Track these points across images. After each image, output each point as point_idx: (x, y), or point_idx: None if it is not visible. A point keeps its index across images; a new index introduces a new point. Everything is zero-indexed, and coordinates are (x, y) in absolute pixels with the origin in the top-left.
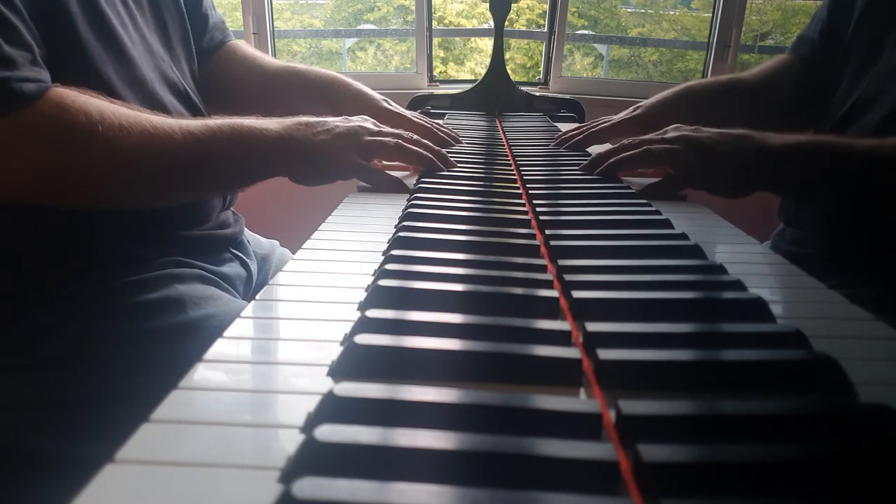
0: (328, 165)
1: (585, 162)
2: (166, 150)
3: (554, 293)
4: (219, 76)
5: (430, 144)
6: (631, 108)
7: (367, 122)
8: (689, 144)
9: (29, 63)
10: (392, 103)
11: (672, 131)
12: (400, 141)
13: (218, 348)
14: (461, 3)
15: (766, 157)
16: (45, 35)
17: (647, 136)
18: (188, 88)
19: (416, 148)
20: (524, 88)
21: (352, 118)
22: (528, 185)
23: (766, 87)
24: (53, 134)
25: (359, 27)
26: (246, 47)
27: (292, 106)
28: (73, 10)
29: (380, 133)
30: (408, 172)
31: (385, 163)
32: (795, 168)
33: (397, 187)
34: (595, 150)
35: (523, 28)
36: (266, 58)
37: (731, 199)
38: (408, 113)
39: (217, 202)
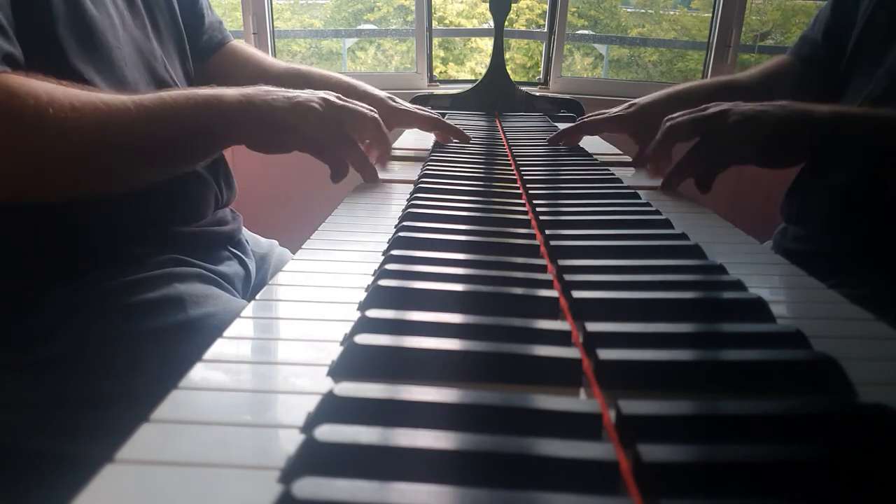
0: (284, 131)
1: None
2: (120, 127)
3: (554, 293)
4: (221, 77)
5: (387, 139)
6: (626, 105)
7: (331, 95)
8: (734, 114)
9: None
10: (399, 100)
11: (713, 107)
12: (364, 111)
13: (218, 348)
14: (461, 3)
15: (814, 124)
16: (23, 33)
17: (688, 112)
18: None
19: (370, 113)
20: (524, 88)
21: (317, 91)
22: (528, 185)
23: (764, 88)
24: (2, 121)
25: (359, 27)
26: (248, 48)
27: None
28: (57, 10)
29: (342, 109)
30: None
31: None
32: (840, 136)
33: (341, 170)
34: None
35: (523, 28)
36: (269, 59)
37: (774, 168)
38: (416, 108)
39: (211, 198)
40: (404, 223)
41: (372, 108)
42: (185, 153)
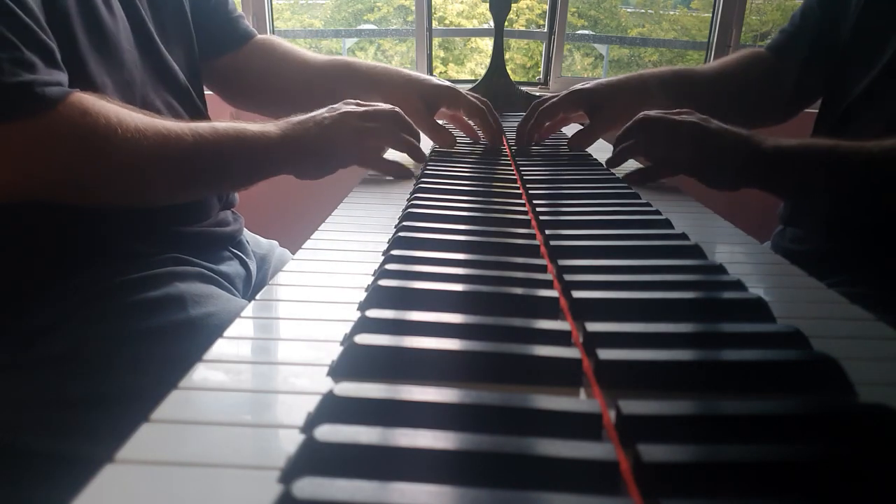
0: (326, 156)
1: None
2: (178, 152)
3: (554, 293)
4: (255, 70)
5: (414, 127)
6: (580, 84)
7: (349, 107)
8: (694, 130)
9: (46, 66)
10: (441, 80)
11: (686, 114)
12: (391, 127)
13: (218, 348)
14: (461, 3)
15: (761, 159)
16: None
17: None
18: (188, 85)
19: (403, 135)
20: (524, 88)
21: (335, 106)
22: (528, 185)
23: (725, 82)
24: (75, 137)
25: (359, 27)
26: (285, 43)
27: (342, 99)
28: (71, 12)
29: (364, 116)
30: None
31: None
32: (788, 172)
33: (399, 172)
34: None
35: (523, 28)
36: (309, 53)
37: (720, 191)
38: (463, 91)
39: (215, 201)
40: (404, 223)
41: (384, 114)
42: (232, 179)
